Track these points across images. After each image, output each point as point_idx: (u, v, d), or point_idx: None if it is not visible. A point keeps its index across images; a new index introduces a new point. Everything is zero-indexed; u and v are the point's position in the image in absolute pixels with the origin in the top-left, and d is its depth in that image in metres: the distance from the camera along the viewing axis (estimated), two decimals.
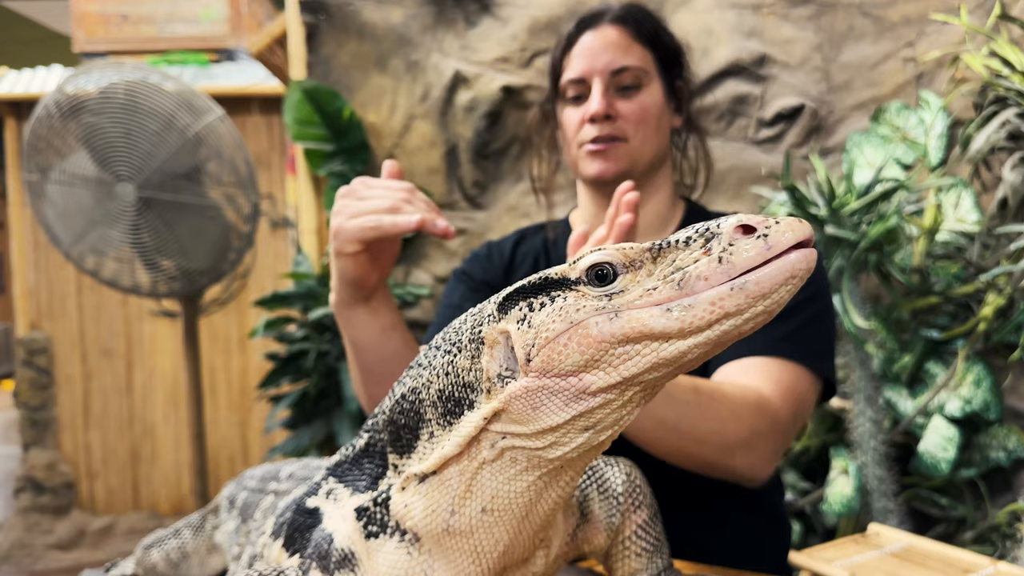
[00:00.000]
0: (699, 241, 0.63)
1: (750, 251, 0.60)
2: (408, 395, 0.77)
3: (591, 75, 1.43)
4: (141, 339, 4.33)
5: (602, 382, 0.64)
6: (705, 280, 0.61)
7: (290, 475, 1.09)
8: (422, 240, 3.13)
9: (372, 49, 3.10)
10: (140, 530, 4.27)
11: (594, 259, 0.66)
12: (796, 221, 0.60)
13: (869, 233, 2.60)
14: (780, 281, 0.59)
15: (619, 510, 0.88)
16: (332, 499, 0.84)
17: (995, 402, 2.60)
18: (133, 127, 2.41)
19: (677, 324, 0.61)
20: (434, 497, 0.73)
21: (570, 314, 0.65)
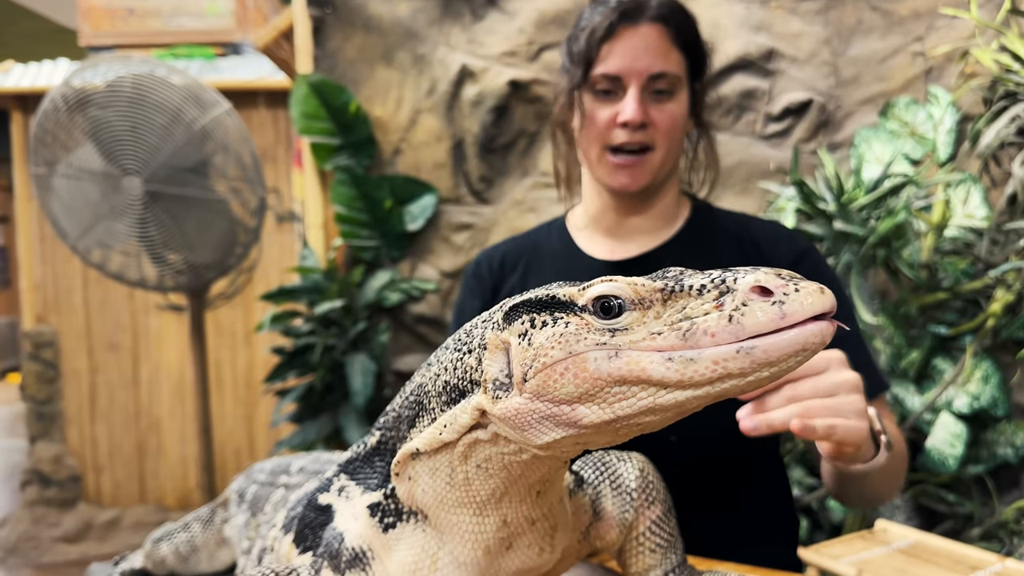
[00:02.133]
0: (713, 293, 0.61)
1: (763, 316, 0.58)
2: (416, 390, 0.78)
3: (629, 76, 1.38)
4: (147, 333, 4.33)
5: (595, 417, 0.63)
6: (712, 336, 0.59)
7: (301, 468, 1.08)
8: (428, 234, 3.13)
9: (378, 43, 3.09)
10: (146, 523, 4.28)
11: (603, 290, 0.65)
12: (818, 291, 0.58)
13: (878, 228, 2.59)
14: (790, 353, 0.58)
15: (632, 506, 0.88)
16: (344, 496, 0.84)
17: (1003, 398, 2.59)
18: (140, 121, 2.41)
19: (676, 376, 0.60)
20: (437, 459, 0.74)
21: (570, 343, 0.64)
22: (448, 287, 3.13)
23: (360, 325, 3.01)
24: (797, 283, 0.58)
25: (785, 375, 0.61)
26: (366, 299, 3.03)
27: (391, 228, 3.09)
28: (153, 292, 2.67)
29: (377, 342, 3.04)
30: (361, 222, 3.08)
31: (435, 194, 3.09)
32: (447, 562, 0.76)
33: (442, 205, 3.12)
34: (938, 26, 2.83)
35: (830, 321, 0.58)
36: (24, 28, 7.18)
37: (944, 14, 2.76)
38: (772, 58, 3.00)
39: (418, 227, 3.09)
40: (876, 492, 1.27)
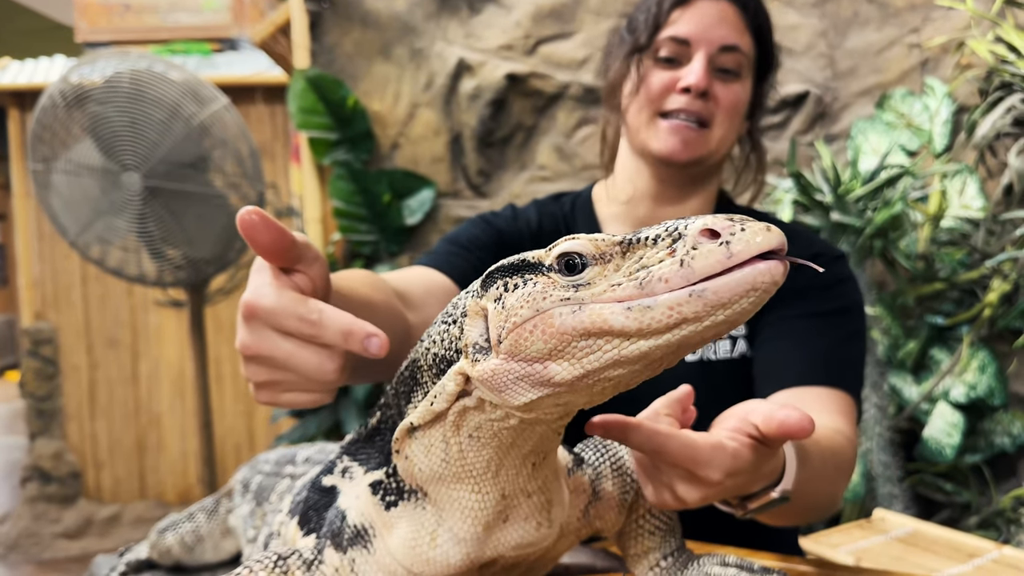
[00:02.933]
0: (666, 240, 0.62)
1: (711, 258, 0.58)
2: (410, 365, 0.79)
3: (698, 42, 1.30)
4: (147, 329, 4.33)
5: (567, 373, 0.64)
6: (666, 282, 0.60)
7: (307, 459, 1.09)
8: (427, 228, 3.14)
9: (376, 37, 3.09)
10: (147, 519, 4.28)
11: (566, 247, 0.66)
12: (763, 228, 0.58)
13: (874, 220, 2.61)
14: (739, 293, 0.58)
15: (633, 488, 0.88)
16: (347, 477, 0.85)
17: (999, 388, 2.61)
18: (138, 116, 2.41)
19: (635, 324, 0.61)
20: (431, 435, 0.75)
21: (537, 301, 0.65)
22: None
23: None
24: (744, 223, 0.59)
25: (742, 319, 0.60)
26: None
27: (390, 222, 3.09)
28: (152, 287, 2.68)
29: None
30: (360, 216, 3.08)
31: (433, 188, 3.10)
32: (446, 539, 0.77)
33: (440, 199, 3.13)
34: (934, 17, 2.84)
35: (781, 260, 0.58)
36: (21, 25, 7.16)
37: (940, 5, 2.77)
38: None
39: (416, 221, 3.10)
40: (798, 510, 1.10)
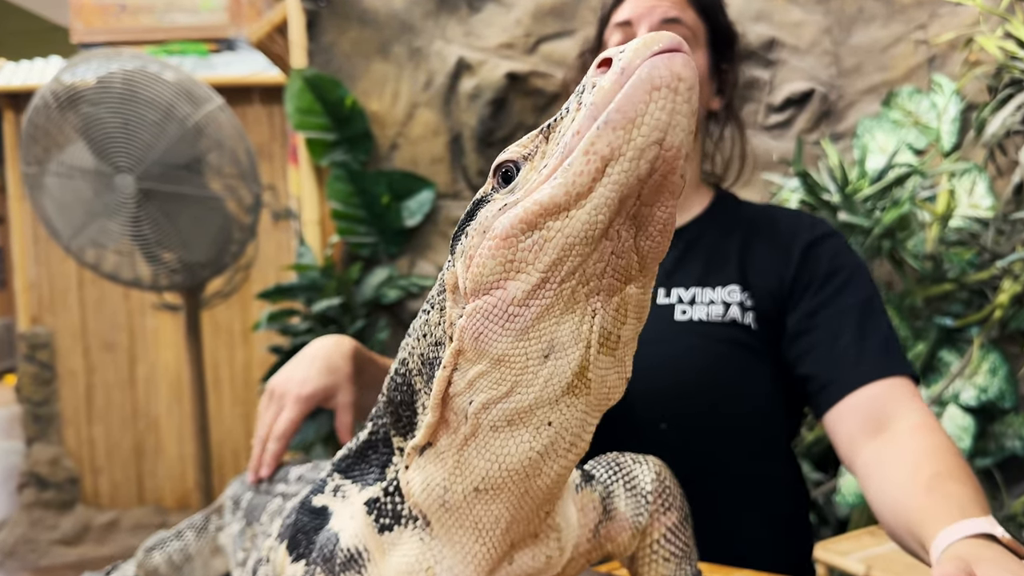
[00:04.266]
0: (575, 100, 0.58)
1: (606, 82, 0.54)
2: (400, 368, 0.73)
3: (639, 19, 1.34)
4: (144, 332, 4.29)
5: (525, 284, 0.58)
6: (578, 135, 0.56)
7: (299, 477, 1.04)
8: (427, 230, 3.09)
9: (374, 36, 3.05)
10: (145, 525, 4.24)
11: (496, 163, 0.64)
12: (652, 34, 0.54)
13: (883, 219, 2.56)
14: (640, 98, 0.53)
15: (647, 509, 0.83)
16: (340, 496, 0.79)
17: (1010, 390, 2.56)
18: (132, 117, 2.37)
19: (563, 189, 0.56)
20: (429, 471, 0.69)
21: (482, 224, 0.61)
22: None
23: (358, 323, 2.97)
24: (633, 41, 0.55)
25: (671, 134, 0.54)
26: (364, 296, 2.99)
27: (389, 224, 3.05)
28: (148, 292, 2.63)
29: (376, 340, 3.00)
30: (358, 218, 3.04)
31: (433, 189, 3.05)
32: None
33: (440, 200, 3.08)
34: (941, 13, 2.79)
35: (675, 52, 0.53)
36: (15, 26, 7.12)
37: (947, 1, 2.72)
38: (773, 48, 2.96)
39: (416, 223, 3.05)
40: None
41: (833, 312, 1.28)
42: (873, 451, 1.11)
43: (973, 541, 0.80)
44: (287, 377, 1.28)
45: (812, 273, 1.33)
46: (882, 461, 1.09)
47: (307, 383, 1.25)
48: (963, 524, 0.83)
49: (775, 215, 1.47)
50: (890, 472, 1.05)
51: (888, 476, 1.05)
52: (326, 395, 1.27)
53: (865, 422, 1.14)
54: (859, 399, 1.17)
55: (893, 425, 1.11)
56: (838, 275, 1.31)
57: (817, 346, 1.26)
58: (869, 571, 2.16)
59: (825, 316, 1.28)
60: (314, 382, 1.25)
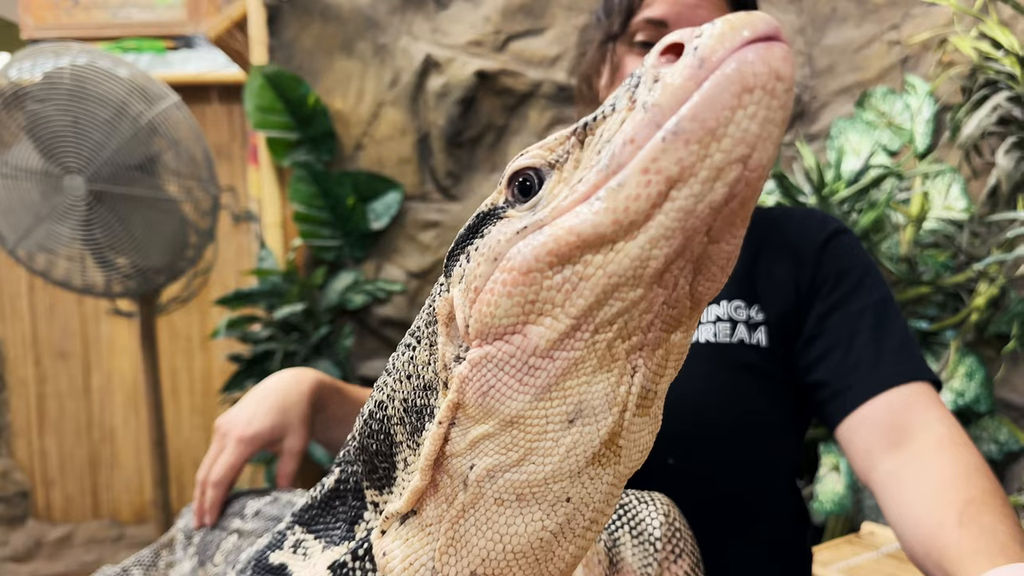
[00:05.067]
0: (624, 98, 0.45)
1: (677, 77, 0.42)
2: (376, 412, 0.61)
3: (677, 24, 1.17)
4: (98, 340, 4.14)
5: (551, 332, 0.46)
6: (632, 144, 0.43)
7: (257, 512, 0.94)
8: (393, 233, 2.99)
9: (337, 32, 2.95)
10: (100, 539, 4.09)
11: (513, 169, 0.50)
12: (740, 14, 0.42)
13: (860, 221, 2.52)
14: (726, 103, 0.40)
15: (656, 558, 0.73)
16: (301, 554, 0.68)
17: (986, 395, 2.53)
18: (81, 115, 2.25)
19: (609, 216, 0.43)
20: (414, 545, 0.57)
21: (493, 249, 0.48)
22: (415, 288, 3.00)
23: (322, 329, 2.87)
24: (713, 22, 0.42)
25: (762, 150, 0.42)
26: (328, 302, 2.89)
27: (354, 227, 2.95)
28: (101, 298, 2.51)
29: (341, 347, 2.90)
30: (322, 221, 2.94)
31: (400, 191, 2.96)
32: None
33: (407, 202, 2.99)
34: (914, 14, 2.77)
35: (775, 42, 0.41)
36: None
37: (921, 1, 2.69)
38: None
39: (382, 225, 2.95)
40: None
41: (846, 315, 1.18)
42: (894, 467, 1.01)
43: None
44: (233, 415, 1.16)
45: (825, 274, 1.23)
46: (904, 480, 0.99)
47: (252, 423, 1.13)
48: (1006, 570, 0.74)
49: (779, 215, 1.36)
50: (915, 493, 0.95)
51: (913, 498, 0.95)
52: (273, 437, 1.15)
53: (884, 433, 1.04)
54: (876, 408, 1.07)
55: (915, 438, 1.02)
56: (850, 275, 1.21)
57: (830, 352, 1.16)
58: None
59: (838, 320, 1.18)
60: (260, 422, 1.13)
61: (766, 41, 0.41)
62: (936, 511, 0.88)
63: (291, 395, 1.17)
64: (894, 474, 1.00)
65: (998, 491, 0.91)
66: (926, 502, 0.91)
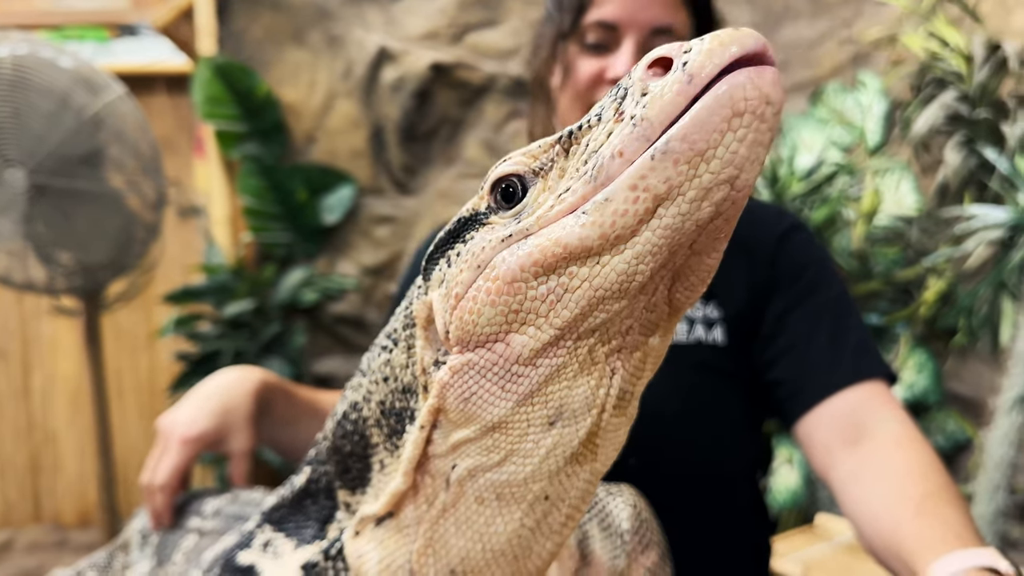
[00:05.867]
0: (611, 108, 0.45)
1: (667, 93, 0.41)
2: (350, 413, 0.61)
3: (627, 26, 1.17)
4: (39, 339, 4.01)
5: (534, 342, 0.47)
6: (620, 157, 0.43)
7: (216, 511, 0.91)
8: (347, 228, 2.94)
9: (288, 22, 2.88)
10: (43, 543, 3.97)
11: (496, 175, 0.50)
12: (729, 30, 0.42)
13: (812, 217, 2.54)
14: (715, 126, 0.40)
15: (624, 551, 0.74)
16: (271, 553, 0.67)
17: (935, 387, 2.58)
18: (22, 106, 2.16)
19: (596, 230, 0.43)
20: (389, 547, 0.57)
21: (476, 255, 0.49)
22: (369, 284, 2.96)
23: (273, 327, 2.81)
24: (702, 38, 0.42)
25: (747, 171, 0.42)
26: (279, 299, 2.83)
27: (305, 222, 2.89)
28: (43, 295, 2.42)
29: (293, 345, 2.84)
30: (272, 215, 2.87)
31: (353, 185, 2.91)
32: None
33: (361, 197, 2.94)
34: (866, 12, 2.80)
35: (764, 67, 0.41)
36: None
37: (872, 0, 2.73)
38: None
39: (335, 220, 2.90)
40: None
41: (804, 313, 1.19)
42: (852, 464, 1.02)
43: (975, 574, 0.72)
44: (175, 416, 1.11)
45: (782, 271, 1.23)
46: (863, 476, 1.00)
47: (194, 424, 1.09)
48: (962, 554, 0.75)
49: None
50: (873, 489, 0.97)
51: (871, 493, 0.97)
52: (217, 438, 1.10)
53: (841, 431, 1.06)
54: (834, 406, 1.09)
55: (872, 435, 1.03)
56: (807, 273, 1.22)
57: (788, 350, 1.17)
58: (806, 572, 2.14)
59: (796, 318, 1.19)
60: (202, 424, 1.09)
61: (756, 63, 0.41)
62: (894, 507, 0.90)
63: (235, 395, 1.14)
64: (853, 472, 1.01)
65: (951, 485, 0.93)
66: (884, 499, 0.93)
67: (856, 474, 1.00)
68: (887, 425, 1.03)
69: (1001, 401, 2.35)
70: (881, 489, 0.95)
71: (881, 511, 0.92)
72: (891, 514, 0.89)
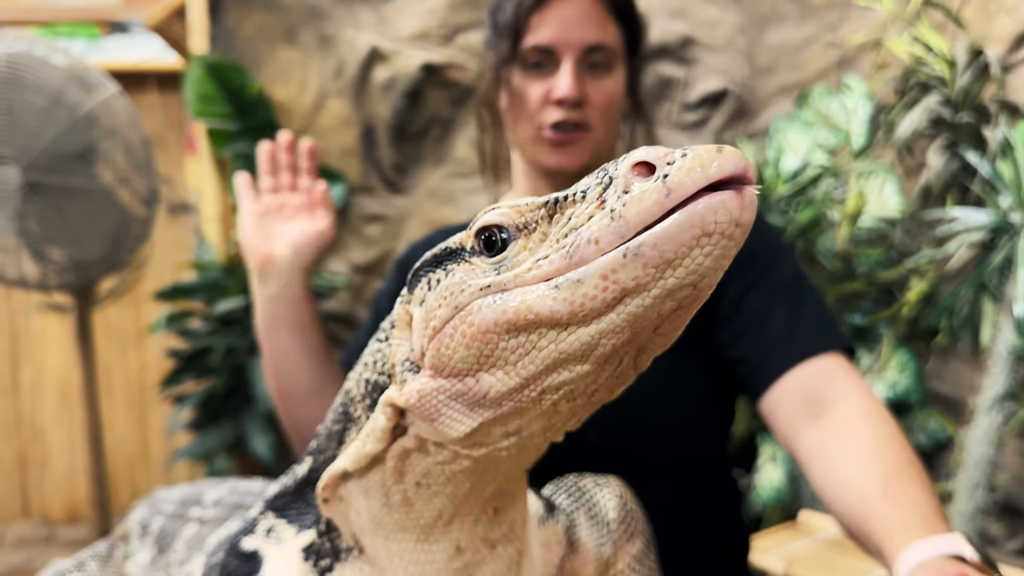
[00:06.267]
0: (596, 190, 0.49)
1: (644, 200, 0.45)
2: (343, 398, 0.67)
3: (563, 48, 1.26)
4: (28, 335, 4.01)
5: (502, 385, 0.52)
6: (596, 244, 0.47)
7: (216, 501, 0.94)
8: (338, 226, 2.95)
9: (280, 21, 2.90)
10: (31, 539, 3.98)
11: (483, 222, 0.54)
12: (711, 150, 0.45)
13: (797, 219, 2.58)
14: (685, 241, 0.44)
15: (611, 539, 0.78)
16: (274, 539, 0.71)
17: (917, 386, 2.62)
18: (16, 104, 2.17)
19: (567, 307, 0.47)
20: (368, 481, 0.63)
21: (455, 296, 0.53)
22: (359, 282, 2.98)
23: None
24: (687, 150, 0.45)
25: (707, 280, 0.47)
26: None
27: None
28: (35, 292, 2.43)
29: None
30: None
31: (344, 183, 2.93)
32: None
33: (352, 195, 2.96)
34: (851, 16, 2.84)
35: (737, 190, 0.44)
36: None
37: (857, 4, 2.77)
38: (687, 46, 2.96)
39: None
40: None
41: (761, 292, 1.22)
42: (816, 437, 1.05)
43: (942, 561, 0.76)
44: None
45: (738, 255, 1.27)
46: (828, 451, 1.03)
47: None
48: (931, 541, 0.79)
49: None
50: (838, 464, 1.00)
51: (837, 468, 0.99)
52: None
53: (804, 405, 1.09)
54: (795, 380, 1.11)
55: (834, 408, 1.06)
56: (763, 254, 1.26)
57: (747, 329, 1.21)
58: (789, 568, 2.17)
59: (753, 297, 1.22)
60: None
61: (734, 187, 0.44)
62: (860, 483, 0.93)
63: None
64: (817, 445, 1.04)
65: (915, 460, 0.96)
66: (849, 473, 0.96)
67: (821, 447, 1.03)
68: (848, 398, 1.05)
69: (981, 400, 2.40)
70: (845, 464, 0.98)
71: (847, 487, 0.95)
72: (858, 491, 0.93)
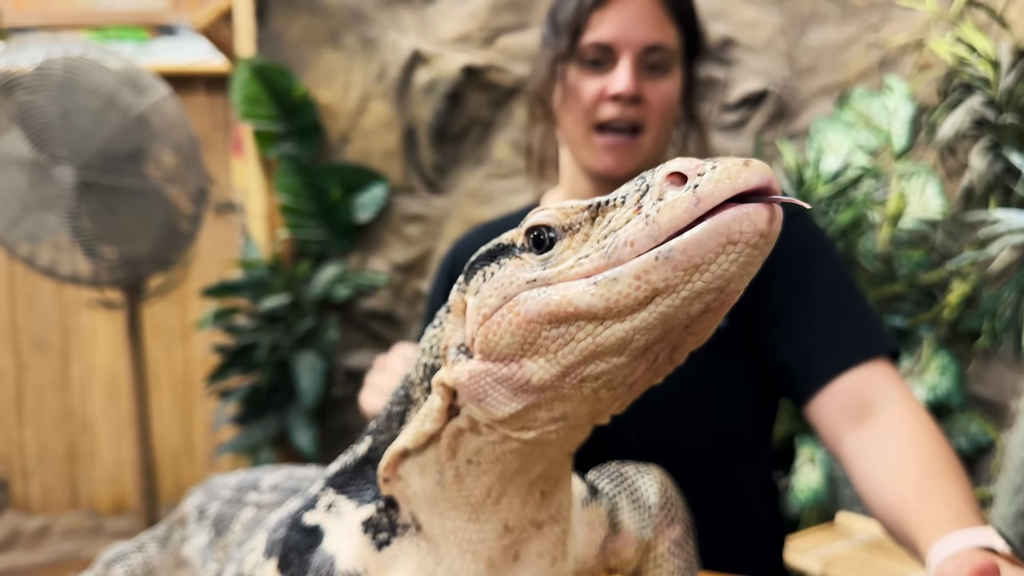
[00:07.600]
0: (634, 196, 0.53)
1: (675, 208, 0.48)
2: (403, 382, 0.71)
3: (622, 46, 1.27)
4: (78, 330, 4.11)
5: (544, 373, 0.56)
6: (631, 246, 0.50)
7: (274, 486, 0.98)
8: (379, 226, 3.01)
9: (324, 24, 2.96)
10: (79, 530, 4.08)
11: (533, 221, 0.58)
12: (738, 163, 0.47)
13: (838, 220, 2.58)
14: (711, 248, 0.47)
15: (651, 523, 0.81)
16: (335, 514, 0.75)
17: (958, 389, 2.60)
18: (71, 106, 2.25)
19: (603, 302, 0.51)
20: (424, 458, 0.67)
21: (504, 287, 0.57)
22: (400, 281, 3.03)
23: (308, 321, 2.89)
24: (718, 161, 0.49)
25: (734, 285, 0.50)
26: (314, 294, 2.91)
27: (339, 219, 2.97)
28: (87, 288, 2.51)
29: (326, 339, 2.92)
30: (307, 213, 2.95)
31: (385, 184, 2.98)
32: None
33: (393, 196, 3.01)
34: (893, 16, 2.83)
35: (766, 203, 0.47)
36: None
37: (900, 5, 2.75)
38: (728, 47, 2.97)
39: (368, 218, 2.98)
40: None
41: (806, 294, 1.24)
42: (857, 440, 1.09)
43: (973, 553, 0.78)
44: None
45: (783, 255, 1.28)
46: (868, 453, 1.07)
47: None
48: (962, 534, 0.81)
49: None
50: (878, 465, 1.03)
51: (877, 469, 1.03)
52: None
53: (848, 411, 1.12)
54: (840, 388, 1.14)
55: (877, 412, 1.09)
56: (809, 255, 1.27)
57: (793, 332, 1.22)
58: (826, 569, 2.17)
59: (799, 299, 1.24)
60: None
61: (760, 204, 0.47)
62: (898, 482, 0.98)
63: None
64: (859, 447, 1.09)
65: (952, 459, 1.00)
66: (888, 474, 1.01)
67: (862, 449, 1.08)
68: (890, 402, 1.10)
69: (1023, 403, 2.38)
70: (885, 465, 1.02)
71: (886, 486, 0.99)
72: (895, 490, 0.97)
